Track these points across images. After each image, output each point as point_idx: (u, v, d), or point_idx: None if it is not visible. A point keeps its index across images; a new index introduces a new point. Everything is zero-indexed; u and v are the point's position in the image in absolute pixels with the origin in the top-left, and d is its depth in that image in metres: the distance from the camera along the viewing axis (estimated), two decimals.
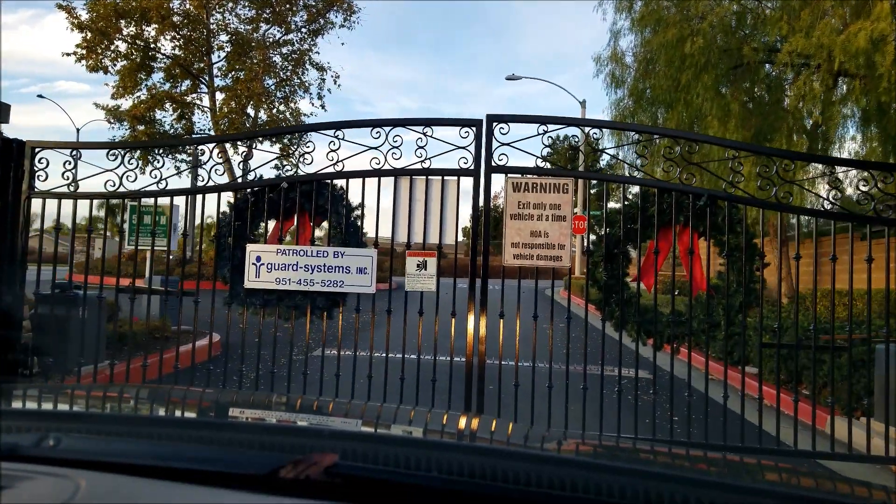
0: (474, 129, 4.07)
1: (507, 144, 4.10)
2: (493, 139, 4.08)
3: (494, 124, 4.08)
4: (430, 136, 4.08)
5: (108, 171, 4.35)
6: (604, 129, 4.54)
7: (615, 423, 4.13)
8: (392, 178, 4.19)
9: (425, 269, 4.09)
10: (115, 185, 4.38)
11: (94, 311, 4.64)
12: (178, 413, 1.46)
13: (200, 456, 0.95)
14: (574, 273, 19.12)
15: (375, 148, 4.09)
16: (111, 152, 4.43)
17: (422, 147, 4.06)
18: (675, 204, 4.12)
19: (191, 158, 18.36)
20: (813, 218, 4.77)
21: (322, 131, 4.37)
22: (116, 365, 4.86)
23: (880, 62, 7.79)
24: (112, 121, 19.37)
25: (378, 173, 4.15)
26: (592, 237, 4.72)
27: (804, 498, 1.07)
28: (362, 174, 4.18)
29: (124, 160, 4.42)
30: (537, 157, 4.15)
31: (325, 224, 4.54)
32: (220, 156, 4.44)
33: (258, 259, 4.16)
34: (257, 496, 0.84)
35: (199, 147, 4.66)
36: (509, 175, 4.14)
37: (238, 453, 0.97)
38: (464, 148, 4.06)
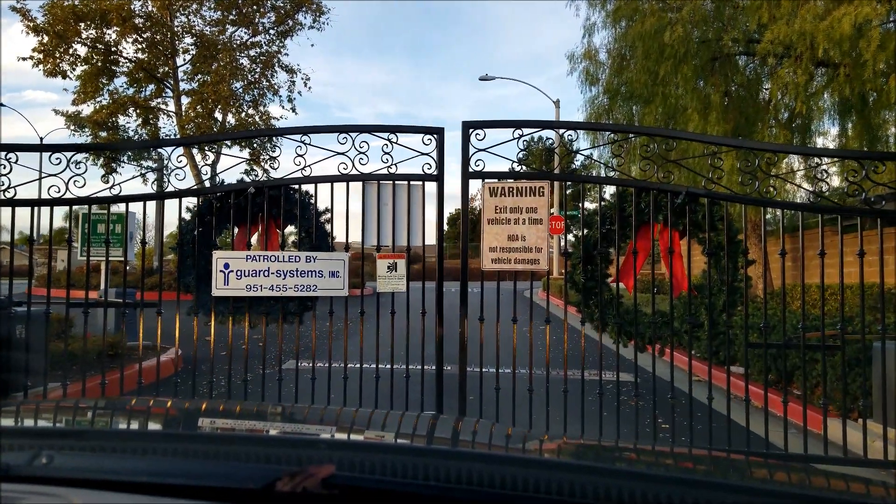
0: (436, 136, 4.15)
1: (484, 150, 4.11)
2: (470, 145, 4.10)
3: (471, 130, 4.10)
4: (396, 143, 4.17)
5: (50, 175, 4.05)
6: (579, 130, 4.43)
7: (597, 430, 4.04)
8: (360, 183, 4.22)
9: (395, 271, 4.16)
10: (59, 191, 4.09)
11: (35, 328, 4.29)
12: (170, 427, 1.41)
13: (196, 470, 0.93)
14: (552, 274, 19.12)
15: (343, 153, 4.13)
16: (54, 156, 4.11)
17: (388, 153, 4.16)
18: (654, 203, 4.05)
19: (156, 164, 17.82)
20: (795, 211, 4.67)
21: (289, 136, 4.31)
22: (67, 386, 4.51)
23: (865, 48, 7.64)
24: (73, 127, 18.70)
25: (346, 178, 4.16)
26: (570, 238, 4.62)
27: (800, 496, 1.02)
28: (330, 179, 4.19)
29: (70, 164, 4.12)
30: (513, 162, 4.15)
31: (291, 229, 4.48)
32: (179, 159, 4.20)
33: (226, 266, 4.07)
34: None
35: (159, 150, 4.48)
36: (486, 180, 4.15)
37: (233, 467, 0.95)
38: (427, 154, 4.15)
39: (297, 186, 4.25)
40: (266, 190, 4.18)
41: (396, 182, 4.19)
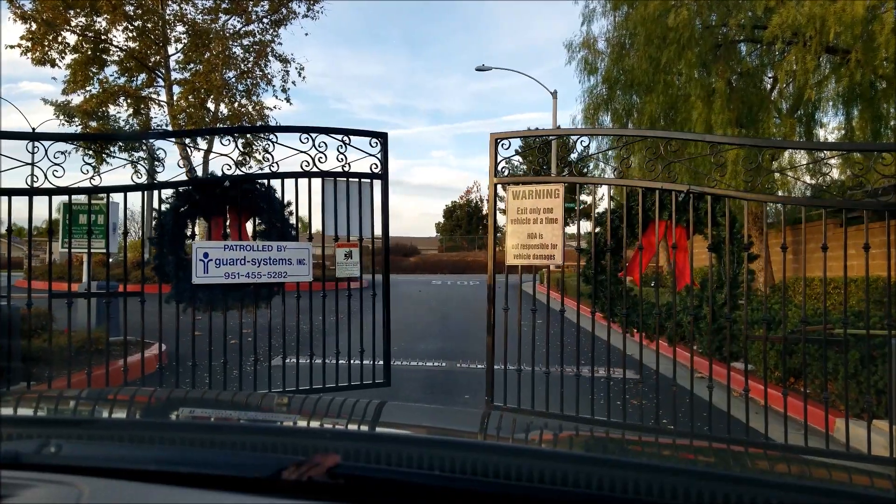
0: (381, 139, 4.71)
1: (508, 158, 4.69)
2: (497, 154, 4.61)
3: (498, 141, 4.61)
4: (349, 145, 4.62)
5: (27, 164, 3.87)
6: (593, 136, 4.80)
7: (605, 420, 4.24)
8: (320, 179, 4.62)
9: (351, 258, 4.63)
10: (38, 181, 3.93)
11: (12, 322, 4.12)
12: (178, 416, 1.41)
13: (203, 459, 0.94)
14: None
15: (305, 152, 4.50)
16: (33, 144, 3.94)
17: (342, 153, 4.62)
18: (659, 201, 4.21)
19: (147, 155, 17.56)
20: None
21: (258, 134, 4.67)
22: (34, 387, 4.35)
23: (878, 31, 7.39)
24: (62, 117, 18.39)
25: (308, 174, 4.55)
26: (571, 230, 4.80)
27: (799, 486, 0.98)
28: (295, 175, 4.54)
29: (48, 153, 3.95)
30: (534, 167, 4.80)
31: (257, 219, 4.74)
32: (159, 150, 4.16)
33: (206, 255, 4.22)
34: (261, 499, 0.84)
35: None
36: (510, 186, 4.64)
37: (241, 456, 0.96)
38: (374, 156, 4.70)
39: (266, 181, 4.54)
40: (240, 183, 4.42)
41: (350, 179, 4.69)
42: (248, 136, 18.21)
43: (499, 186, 4.67)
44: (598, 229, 4.67)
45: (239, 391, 4.44)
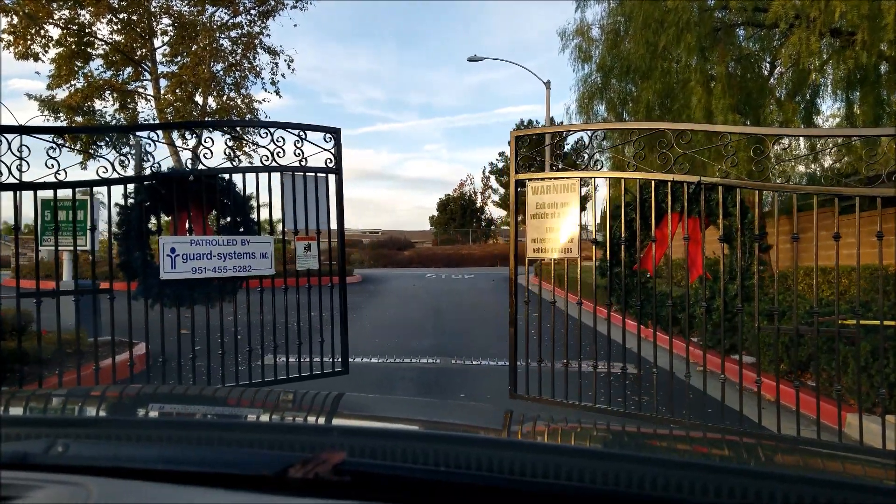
0: (334, 134, 4.81)
1: (525, 156, 4.88)
2: (518, 151, 4.77)
3: (518, 138, 4.79)
4: (305, 140, 4.71)
5: None
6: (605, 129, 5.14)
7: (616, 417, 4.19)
8: (279, 174, 4.68)
9: (310, 251, 4.69)
10: (2, 176, 3.73)
11: None
12: (182, 414, 1.40)
13: (210, 458, 0.94)
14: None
15: (265, 146, 4.61)
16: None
17: (299, 148, 4.71)
18: (671, 193, 4.17)
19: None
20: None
21: (221, 129, 4.88)
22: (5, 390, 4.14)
23: (886, 10, 7.18)
24: (47, 112, 18.03)
25: (268, 169, 4.62)
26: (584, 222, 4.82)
27: (812, 480, 0.95)
28: (255, 169, 4.61)
29: (11, 147, 3.73)
30: (552, 164, 4.94)
31: (218, 213, 4.68)
32: (125, 144, 3.95)
33: (173, 250, 4.19)
34: (267, 497, 0.84)
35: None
36: (529, 182, 4.70)
37: (247, 454, 0.96)
38: (328, 150, 4.81)
39: (227, 175, 4.56)
40: (203, 178, 4.40)
41: (307, 174, 4.76)
42: (238, 130, 17.94)
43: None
44: (613, 223, 4.68)
45: (207, 385, 4.48)
